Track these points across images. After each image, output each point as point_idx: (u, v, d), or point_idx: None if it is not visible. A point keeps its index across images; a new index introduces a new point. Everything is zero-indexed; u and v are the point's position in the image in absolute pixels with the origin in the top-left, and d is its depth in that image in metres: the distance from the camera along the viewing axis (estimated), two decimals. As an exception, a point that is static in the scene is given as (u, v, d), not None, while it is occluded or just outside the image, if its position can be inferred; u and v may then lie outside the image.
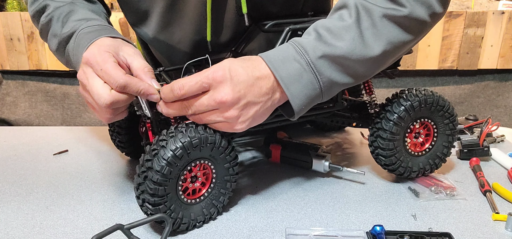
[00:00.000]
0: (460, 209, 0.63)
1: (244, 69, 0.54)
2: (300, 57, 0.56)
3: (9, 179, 0.75)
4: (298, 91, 0.56)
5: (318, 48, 0.56)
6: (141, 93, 0.55)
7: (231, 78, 0.53)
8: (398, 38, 0.57)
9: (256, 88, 0.54)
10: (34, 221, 0.60)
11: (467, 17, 1.99)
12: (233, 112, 0.54)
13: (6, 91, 2.16)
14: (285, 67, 0.55)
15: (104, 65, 0.54)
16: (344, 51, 0.56)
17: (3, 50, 2.08)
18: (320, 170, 0.74)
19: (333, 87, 0.58)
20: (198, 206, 0.59)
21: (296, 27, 0.65)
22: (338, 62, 0.56)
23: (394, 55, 0.60)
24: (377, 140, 0.68)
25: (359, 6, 0.57)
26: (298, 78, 0.55)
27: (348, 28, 0.56)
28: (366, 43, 0.56)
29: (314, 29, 0.58)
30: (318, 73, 0.56)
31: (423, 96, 0.67)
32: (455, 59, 2.06)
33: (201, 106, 0.54)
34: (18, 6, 2.24)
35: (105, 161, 0.83)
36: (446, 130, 0.71)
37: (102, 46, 0.57)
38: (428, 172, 0.73)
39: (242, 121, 0.55)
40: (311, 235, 0.56)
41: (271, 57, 0.56)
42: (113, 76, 0.53)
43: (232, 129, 0.56)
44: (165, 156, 0.53)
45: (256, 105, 0.55)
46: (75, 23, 0.64)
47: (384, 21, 0.56)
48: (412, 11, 0.56)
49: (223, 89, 0.53)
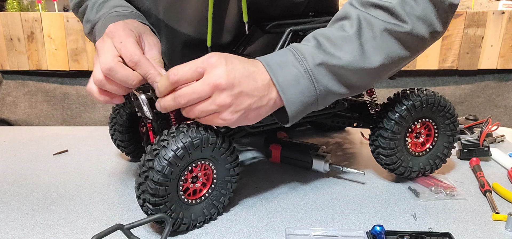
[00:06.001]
0: (460, 209, 0.63)
1: (240, 62, 0.54)
2: (299, 63, 0.55)
3: (9, 179, 0.75)
4: (294, 97, 0.55)
5: (317, 56, 0.55)
6: (149, 76, 0.55)
7: (227, 64, 0.52)
8: (396, 53, 0.58)
9: (251, 81, 0.53)
10: (34, 221, 0.60)
11: (467, 17, 1.99)
12: (226, 98, 0.52)
13: (6, 91, 2.16)
14: (283, 72, 0.55)
15: (125, 39, 0.56)
16: (343, 61, 0.55)
17: (3, 50, 2.08)
18: (320, 170, 0.74)
19: (328, 96, 0.58)
20: (199, 207, 0.59)
21: (297, 28, 0.65)
22: (335, 72, 0.56)
23: (390, 70, 0.60)
24: (378, 139, 0.68)
25: (361, 18, 0.57)
26: (295, 84, 0.55)
27: (349, 39, 0.56)
28: (365, 55, 0.56)
29: (314, 37, 0.58)
30: (315, 81, 0.55)
31: (424, 96, 0.67)
32: (455, 59, 2.06)
33: (194, 93, 0.52)
34: (18, 6, 2.24)
35: (105, 161, 0.83)
36: (447, 131, 0.71)
37: (129, 24, 0.59)
38: (428, 172, 0.73)
39: (233, 111, 0.53)
40: (311, 235, 0.56)
41: (269, 61, 0.56)
42: (129, 51, 0.55)
43: (221, 119, 0.53)
44: (166, 156, 0.53)
45: (250, 97, 0.53)
46: (108, 9, 0.67)
47: (384, 36, 0.56)
48: (414, 28, 0.56)
49: (217, 72, 0.51)
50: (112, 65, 0.54)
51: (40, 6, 2.12)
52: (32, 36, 2.05)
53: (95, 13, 0.69)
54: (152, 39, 0.60)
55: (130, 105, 0.76)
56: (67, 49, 2.05)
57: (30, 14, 2.04)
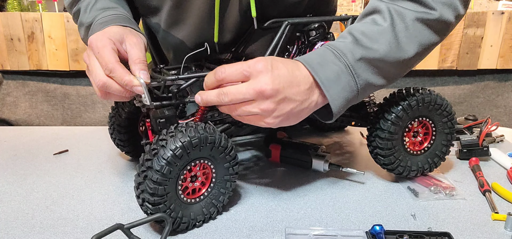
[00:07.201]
0: (459, 209, 0.63)
1: (284, 65, 0.55)
2: (339, 60, 0.57)
3: (9, 179, 0.75)
4: (337, 94, 0.57)
5: (356, 51, 0.57)
6: (124, 83, 0.56)
7: (272, 70, 0.53)
8: (428, 40, 0.60)
9: (295, 86, 0.55)
10: (34, 221, 0.60)
11: (467, 17, 1.99)
12: (270, 105, 0.54)
13: (7, 92, 2.16)
14: (324, 70, 0.56)
15: (101, 50, 0.57)
16: (381, 54, 0.57)
17: (4, 50, 2.08)
18: (319, 170, 0.74)
19: (368, 88, 0.60)
20: (198, 206, 0.59)
21: (295, 20, 0.66)
22: (374, 65, 0.58)
23: (423, 56, 0.62)
24: (376, 139, 0.68)
25: (392, 11, 0.59)
26: (337, 81, 0.56)
27: (384, 32, 0.58)
28: (400, 46, 0.58)
29: (349, 33, 0.60)
30: (356, 75, 0.57)
31: (420, 95, 0.67)
32: (454, 59, 2.06)
33: (239, 94, 0.54)
34: (18, 6, 2.24)
35: (105, 160, 0.83)
36: (445, 129, 0.71)
37: (107, 32, 0.60)
38: (427, 170, 0.73)
39: (276, 116, 0.55)
40: (311, 234, 0.56)
41: (309, 60, 0.57)
42: (105, 60, 0.57)
43: (265, 122, 0.56)
44: (165, 155, 0.53)
45: (293, 102, 0.55)
46: (95, 12, 0.69)
47: (416, 24, 0.59)
48: (442, 13, 0.59)
49: (263, 79, 0.53)
50: (104, 81, 0.57)
51: (40, 6, 2.12)
52: (32, 36, 2.06)
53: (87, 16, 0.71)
54: (133, 39, 0.61)
55: (129, 104, 0.76)
56: (68, 49, 2.05)
57: (30, 14, 2.04)
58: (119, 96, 0.60)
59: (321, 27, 0.68)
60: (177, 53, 0.83)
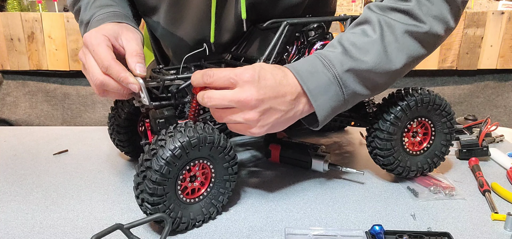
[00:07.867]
0: (459, 209, 0.63)
1: (272, 75, 0.55)
2: (327, 70, 0.57)
3: (9, 179, 0.75)
4: (324, 103, 0.57)
5: (345, 62, 0.57)
6: (121, 80, 0.57)
7: (259, 80, 0.54)
8: (417, 52, 0.60)
9: (280, 96, 0.55)
10: (34, 221, 0.60)
11: (467, 17, 1.99)
12: (254, 114, 0.54)
13: (7, 91, 2.16)
14: (313, 79, 0.57)
15: (96, 47, 0.57)
16: (369, 65, 0.58)
17: (4, 50, 2.08)
18: (319, 170, 0.74)
19: (355, 98, 0.60)
20: (197, 206, 0.59)
21: (294, 21, 0.66)
22: (362, 76, 0.58)
23: (411, 67, 0.63)
24: (375, 140, 0.68)
25: (383, 22, 0.59)
26: (325, 91, 0.57)
27: (373, 43, 0.58)
28: (389, 57, 0.59)
29: (339, 43, 0.60)
30: (344, 86, 0.58)
31: (419, 96, 0.67)
32: (454, 59, 2.06)
33: (223, 100, 0.54)
34: (18, 6, 2.24)
35: (105, 161, 0.83)
36: (444, 128, 0.71)
37: (102, 30, 0.60)
38: (426, 170, 0.73)
39: (261, 125, 0.55)
40: (310, 234, 0.56)
41: (298, 69, 0.57)
42: (100, 57, 0.57)
43: (250, 132, 0.56)
44: (164, 155, 0.53)
45: (278, 112, 0.56)
46: (94, 9, 0.69)
47: (405, 37, 0.59)
48: (431, 27, 0.59)
49: (248, 89, 0.53)
50: (101, 79, 0.57)
51: (40, 6, 2.12)
52: (32, 36, 2.06)
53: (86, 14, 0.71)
54: (129, 35, 0.61)
55: (128, 104, 0.76)
56: (67, 49, 2.05)
57: (30, 14, 2.04)
58: (117, 94, 0.60)
59: (320, 28, 0.68)
60: (177, 52, 0.84)
